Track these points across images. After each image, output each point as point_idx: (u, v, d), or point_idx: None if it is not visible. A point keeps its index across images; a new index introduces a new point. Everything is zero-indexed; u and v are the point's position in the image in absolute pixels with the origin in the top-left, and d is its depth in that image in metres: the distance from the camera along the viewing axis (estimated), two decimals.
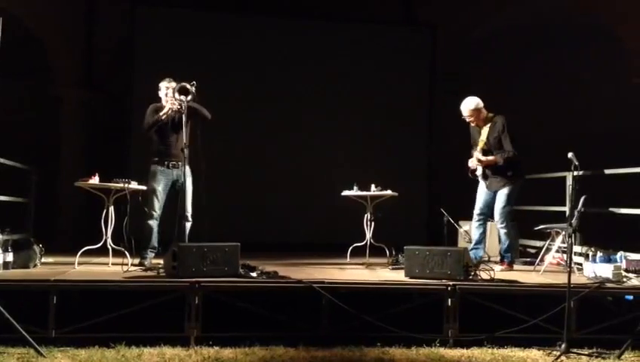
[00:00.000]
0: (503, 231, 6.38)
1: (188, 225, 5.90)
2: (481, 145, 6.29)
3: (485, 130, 6.29)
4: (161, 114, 6.02)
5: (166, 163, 6.08)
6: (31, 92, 9.84)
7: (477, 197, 6.50)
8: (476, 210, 6.50)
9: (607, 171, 6.95)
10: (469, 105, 6.30)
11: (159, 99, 6.20)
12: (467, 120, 6.35)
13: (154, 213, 6.04)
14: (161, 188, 6.06)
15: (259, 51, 9.63)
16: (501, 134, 6.22)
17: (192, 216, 6.00)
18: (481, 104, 6.31)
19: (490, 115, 6.33)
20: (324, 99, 9.76)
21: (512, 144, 6.18)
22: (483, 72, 9.82)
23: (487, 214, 6.56)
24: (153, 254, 6.10)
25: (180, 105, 5.85)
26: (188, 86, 5.77)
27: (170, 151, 6.08)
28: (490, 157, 6.25)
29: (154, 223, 6.06)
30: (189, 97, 5.76)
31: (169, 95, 6.05)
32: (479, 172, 6.38)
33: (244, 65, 9.58)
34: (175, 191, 6.08)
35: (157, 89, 6.24)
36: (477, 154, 6.30)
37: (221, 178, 9.04)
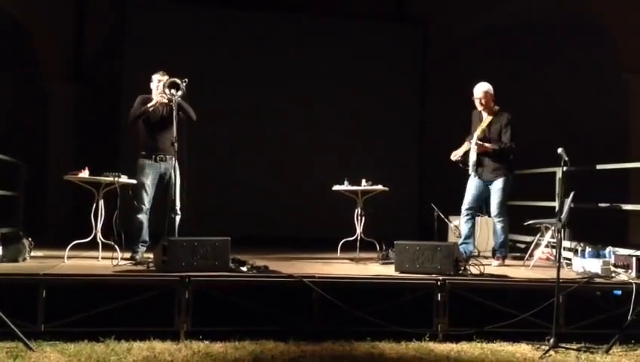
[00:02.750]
0: (500, 226, 6.42)
1: (177, 218, 5.89)
2: (480, 131, 6.39)
3: (488, 119, 6.43)
4: (148, 105, 5.98)
5: (154, 156, 6.04)
6: (20, 85, 9.77)
7: (466, 191, 6.52)
8: (465, 205, 6.53)
9: (598, 167, 6.99)
10: (482, 87, 6.46)
11: (150, 92, 6.16)
12: (477, 102, 6.46)
13: (143, 206, 6.01)
14: (149, 181, 6.03)
15: (250, 45, 9.60)
16: (504, 127, 6.36)
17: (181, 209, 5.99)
18: (492, 90, 6.46)
19: (497, 108, 6.47)
20: (315, 94, 9.75)
21: (512, 139, 6.31)
22: (474, 68, 9.81)
23: (476, 209, 6.61)
24: (145, 248, 6.07)
25: (168, 99, 5.83)
26: (178, 81, 5.75)
27: (158, 145, 6.03)
28: (488, 144, 6.33)
29: (144, 217, 6.03)
30: (179, 93, 5.73)
31: (159, 88, 6.03)
32: (472, 160, 6.40)
33: (236, 59, 9.55)
34: (163, 185, 6.07)
35: (146, 82, 6.18)
36: (475, 138, 6.38)
37: (212, 172, 9.03)
